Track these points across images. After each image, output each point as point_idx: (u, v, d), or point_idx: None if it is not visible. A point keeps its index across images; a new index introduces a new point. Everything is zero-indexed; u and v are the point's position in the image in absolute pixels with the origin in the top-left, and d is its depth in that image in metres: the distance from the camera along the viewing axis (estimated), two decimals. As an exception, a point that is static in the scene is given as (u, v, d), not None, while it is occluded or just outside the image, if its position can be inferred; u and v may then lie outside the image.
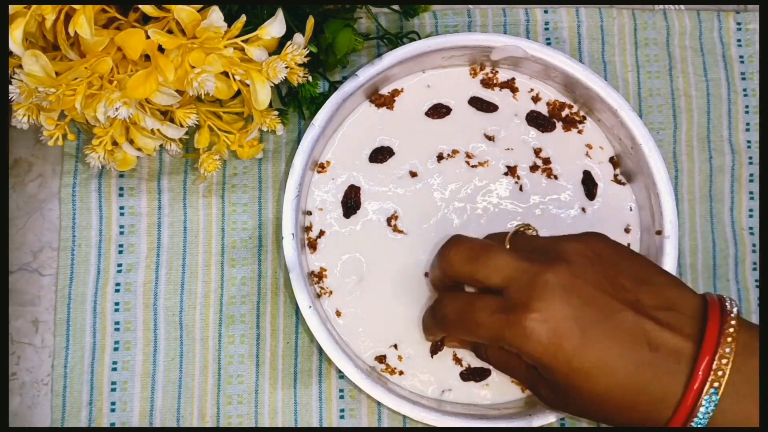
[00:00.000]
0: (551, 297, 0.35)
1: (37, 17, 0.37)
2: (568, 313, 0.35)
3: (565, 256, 0.36)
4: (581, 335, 0.35)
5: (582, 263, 0.36)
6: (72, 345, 0.46)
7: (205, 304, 0.47)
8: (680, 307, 0.36)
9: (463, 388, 0.45)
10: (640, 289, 0.36)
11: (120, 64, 0.39)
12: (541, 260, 0.36)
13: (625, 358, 0.34)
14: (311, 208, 0.46)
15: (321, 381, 0.46)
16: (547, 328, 0.35)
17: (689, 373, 0.34)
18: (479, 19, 0.49)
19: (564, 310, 0.35)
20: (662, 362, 0.34)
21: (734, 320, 0.34)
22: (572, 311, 0.35)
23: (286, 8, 0.41)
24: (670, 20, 0.50)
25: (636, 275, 0.37)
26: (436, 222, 0.46)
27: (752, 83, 0.49)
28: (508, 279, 0.37)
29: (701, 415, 0.34)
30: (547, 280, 0.35)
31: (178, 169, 0.48)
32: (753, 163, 0.49)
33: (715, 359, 0.33)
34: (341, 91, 0.44)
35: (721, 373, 0.33)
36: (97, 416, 0.46)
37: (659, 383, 0.34)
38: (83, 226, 0.47)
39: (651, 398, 0.35)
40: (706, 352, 0.34)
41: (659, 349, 0.34)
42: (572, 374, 0.35)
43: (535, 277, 0.36)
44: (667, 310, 0.35)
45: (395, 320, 0.45)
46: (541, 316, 0.35)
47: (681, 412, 0.34)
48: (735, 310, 0.35)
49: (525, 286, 0.36)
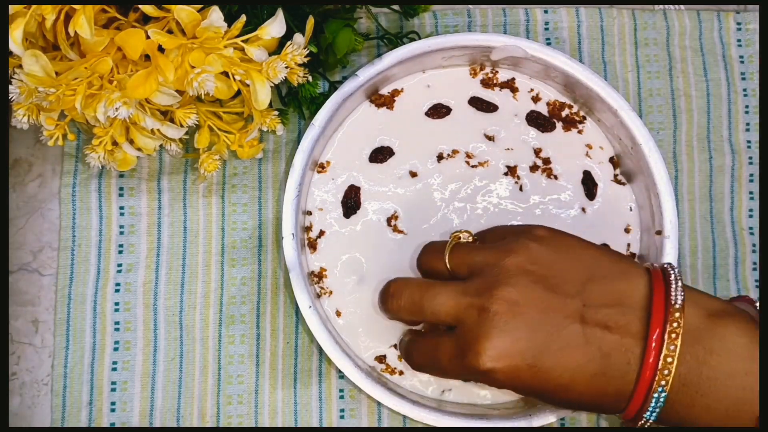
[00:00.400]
0: (497, 333, 0.36)
1: (37, 17, 0.37)
2: (518, 345, 0.36)
3: (504, 279, 0.36)
4: (535, 362, 0.35)
5: (523, 284, 0.36)
6: (72, 345, 0.46)
7: (205, 304, 0.47)
8: (627, 300, 0.36)
9: (463, 388, 0.45)
10: (585, 289, 0.36)
11: (120, 64, 0.39)
12: (480, 290, 0.37)
13: (582, 369, 0.35)
14: (311, 208, 0.46)
15: (321, 381, 0.46)
16: (501, 366, 0.36)
17: (638, 373, 0.35)
18: (479, 19, 0.49)
19: (513, 344, 0.36)
20: (614, 367, 0.35)
21: (678, 311, 0.35)
22: (521, 343, 0.36)
23: (286, 8, 0.41)
24: (670, 20, 0.50)
25: (580, 275, 0.37)
26: (436, 222, 0.46)
27: (752, 83, 0.49)
28: (455, 318, 0.37)
29: (650, 410, 0.35)
30: (492, 314, 0.36)
31: (178, 169, 0.48)
32: (753, 163, 0.49)
33: (660, 359, 0.34)
34: (341, 91, 0.44)
35: (666, 371, 0.34)
36: (97, 416, 0.46)
37: (614, 386, 0.35)
38: (83, 226, 0.47)
39: (611, 399, 0.36)
40: (650, 352, 0.34)
41: (610, 356, 0.35)
42: (536, 391, 0.37)
43: (479, 314, 0.36)
44: (615, 306, 0.36)
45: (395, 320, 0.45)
46: (493, 354, 0.36)
47: (632, 407, 0.36)
48: (680, 298, 0.35)
49: (472, 324, 0.36)
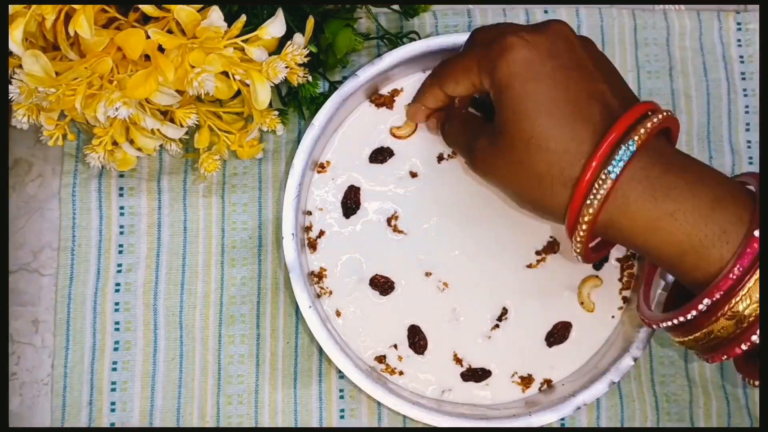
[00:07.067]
0: (544, 38, 0.37)
1: (37, 17, 0.37)
2: (547, 59, 0.37)
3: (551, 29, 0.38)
4: (550, 74, 0.36)
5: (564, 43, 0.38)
6: (72, 345, 0.46)
7: (205, 304, 0.47)
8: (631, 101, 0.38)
9: (463, 388, 0.45)
10: (605, 76, 0.38)
11: (120, 64, 0.39)
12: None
13: (568, 101, 0.36)
14: (311, 208, 0.46)
15: (321, 381, 0.46)
16: (523, 52, 0.37)
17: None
18: (479, 19, 0.49)
19: (545, 51, 0.37)
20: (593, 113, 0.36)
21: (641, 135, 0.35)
22: (550, 61, 0.37)
23: (286, 8, 0.41)
24: (670, 20, 0.50)
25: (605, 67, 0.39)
26: (436, 222, 0.46)
27: (752, 83, 0.49)
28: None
29: (615, 163, 0.35)
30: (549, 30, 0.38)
31: (178, 169, 0.48)
32: (753, 163, 0.49)
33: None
34: (341, 91, 0.44)
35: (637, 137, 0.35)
36: (97, 416, 0.46)
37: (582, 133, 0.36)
38: (83, 226, 0.47)
39: (570, 157, 0.36)
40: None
41: (603, 101, 0.37)
42: (519, 99, 0.37)
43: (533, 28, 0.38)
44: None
45: (395, 320, 0.45)
46: (523, 42, 0.37)
47: (592, 163, 0.35)
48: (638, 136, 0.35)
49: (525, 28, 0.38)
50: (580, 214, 0.36)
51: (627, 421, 0.46)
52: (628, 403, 0.46)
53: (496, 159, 0.38)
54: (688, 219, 0.34)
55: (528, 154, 0.37)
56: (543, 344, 0.45)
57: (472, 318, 0.45)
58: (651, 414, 0.46)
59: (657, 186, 0.35)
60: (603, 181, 0.35)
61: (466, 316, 0.45)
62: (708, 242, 0.34)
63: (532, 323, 0.45)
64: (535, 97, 0.36)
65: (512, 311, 0.45)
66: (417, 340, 0.45)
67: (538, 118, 0.36)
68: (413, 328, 0.45)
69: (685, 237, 0.34)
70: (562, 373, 0.45)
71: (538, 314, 0.45)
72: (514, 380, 0.45)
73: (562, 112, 0.36)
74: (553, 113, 0.36)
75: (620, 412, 0.46)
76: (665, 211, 0.35)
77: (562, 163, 0.36)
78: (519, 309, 0.45)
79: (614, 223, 0.36)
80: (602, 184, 0.35)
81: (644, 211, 0.35)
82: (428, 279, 0.45)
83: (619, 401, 0.46)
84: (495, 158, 0.38)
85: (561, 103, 0.36)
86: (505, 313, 0.45)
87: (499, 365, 0.45)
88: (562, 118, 0.36)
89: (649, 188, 0.35)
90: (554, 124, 0.36)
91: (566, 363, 0.45)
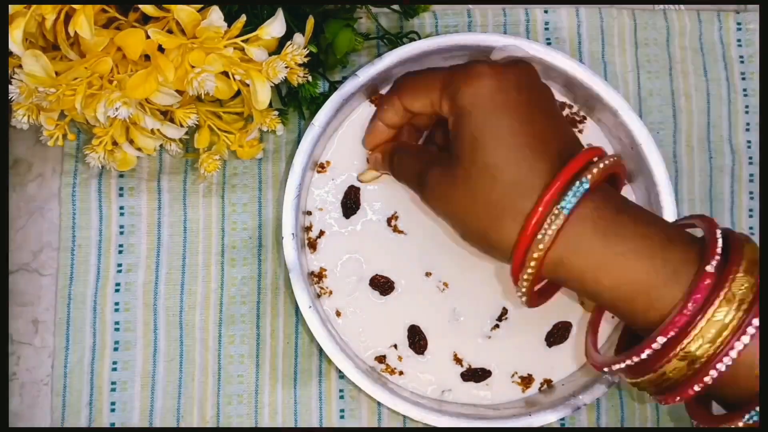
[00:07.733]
0: (511, 73, 0.38)
1: (37, 17, 0.37)
2: (513, 92, 0.37)
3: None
4: (515, 107, 0.37)
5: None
6: (72, 345, 0.46)
7: (205, 304, 0.47)
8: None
9: (463, 388, 0.45)
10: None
11: (120, 64, 0.39)
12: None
13: (524, 133, 0.37)
14: (311, 208, 0.46)
15: (321, 381, 0.46)
16: (491, 82, 0.37)
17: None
18: (479, 19, 0.49)
19: (512, 84, 0.37)
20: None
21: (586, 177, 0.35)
22: (516, 94, 0.37)
23: (286, 8, 0.41)
24: (670, 20, 0.50)
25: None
26: (436, 222, 0.46)
27: (752, 83, 0.49)
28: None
29: (569, 197, 0.35)
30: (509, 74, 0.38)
31: (178, 169, 0.48)
32: (753, 163, 0.49)
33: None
34: (341, 91, 0.44)
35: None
36: (97, 416, 0.46)
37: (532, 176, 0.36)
38: (83, 226, 0.47)
39: (521, 191, 0.36)
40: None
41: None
42: (481, 128, 0.37)
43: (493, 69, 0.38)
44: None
45: (395, 320, 0.45)
46: (491, 71, 0.37)
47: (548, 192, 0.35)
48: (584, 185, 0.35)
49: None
50: (530, 250, 0.36)
51: (627, 421, 0.46)
52: (628, 403, 0.46)
53: (449, 188, 0.38)
54: (639, 259, 0.34)
55: (482, 182, 0.36)
56: (543, 344, 0.45)
57: (472, 318, 0.45)
58: (651, 414, 0.46)
59: (609, 226, 0.35)
60: (555, 216, 0.35)
61: (466, 316, 0.45)
62: (660, 282, 0.34)
63: (532, 323, 0.45)
64: (497, 127, 0.36)
65: (512, 311, 0.45)
66: (417, 340, 0.45)
67: (498, 148, 0.36)
68: (413, 328, 0.45)
69: (637, 277, 0.34)
70: (562, 373, 0.45)
71: (538, 314, 0.45)
72: (514, 380, 0.45)
73: (523, 145, 0.36)
74: (514, 145, 0.36)
75: (620, 412, 0.46)
76: (617, 251, 0.35)
77: (514, 195, 0.36)
78: (519, 309, 0.45)
79: (564, 262, 0.35)
80: (554, 219, 0.35)
81: (596, 250, 0.35)
82: (428, 279, 0.45)
83: (619, 401, 0.46)
84: (448, 187, 0.38)
85: (523, 137, 0.36)
86: (505, 313, 0.45)
87: (499, 365, 0.45)
88: (522, 150, 0.36)
89: (602, 227, 0.35)
90: (514, 156, 0.36)
91: (566, 363, 0.45)
